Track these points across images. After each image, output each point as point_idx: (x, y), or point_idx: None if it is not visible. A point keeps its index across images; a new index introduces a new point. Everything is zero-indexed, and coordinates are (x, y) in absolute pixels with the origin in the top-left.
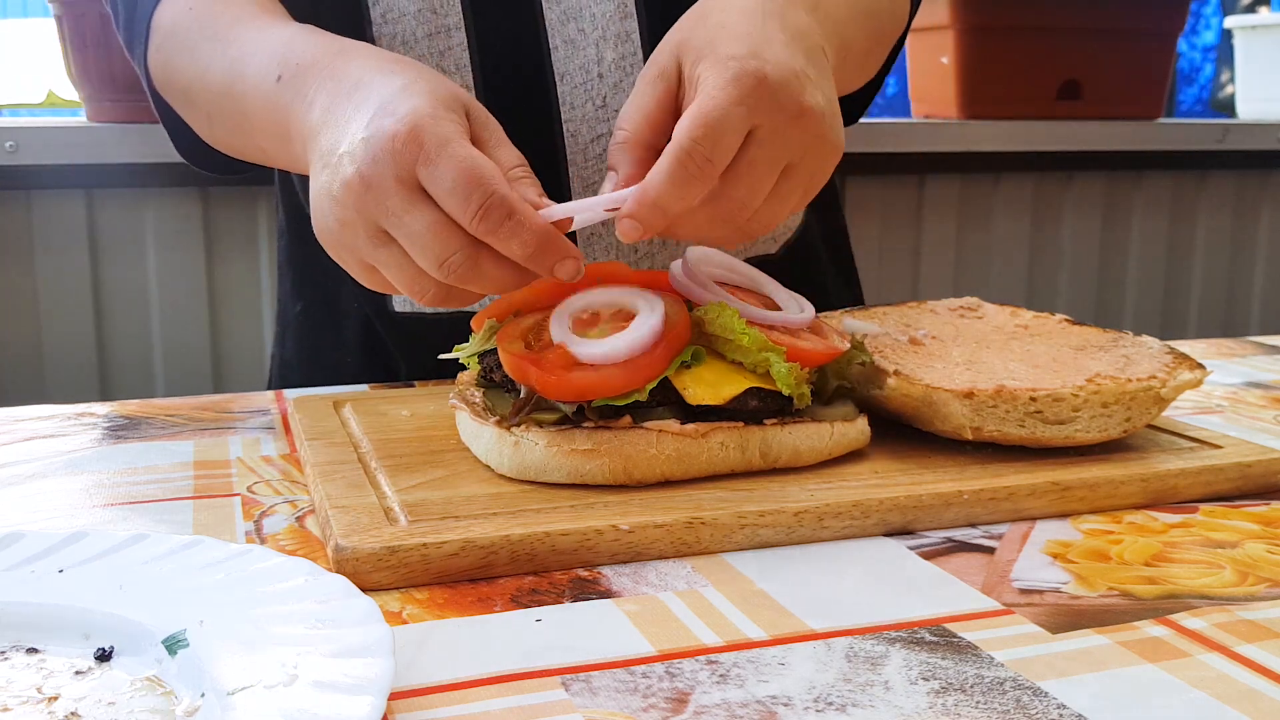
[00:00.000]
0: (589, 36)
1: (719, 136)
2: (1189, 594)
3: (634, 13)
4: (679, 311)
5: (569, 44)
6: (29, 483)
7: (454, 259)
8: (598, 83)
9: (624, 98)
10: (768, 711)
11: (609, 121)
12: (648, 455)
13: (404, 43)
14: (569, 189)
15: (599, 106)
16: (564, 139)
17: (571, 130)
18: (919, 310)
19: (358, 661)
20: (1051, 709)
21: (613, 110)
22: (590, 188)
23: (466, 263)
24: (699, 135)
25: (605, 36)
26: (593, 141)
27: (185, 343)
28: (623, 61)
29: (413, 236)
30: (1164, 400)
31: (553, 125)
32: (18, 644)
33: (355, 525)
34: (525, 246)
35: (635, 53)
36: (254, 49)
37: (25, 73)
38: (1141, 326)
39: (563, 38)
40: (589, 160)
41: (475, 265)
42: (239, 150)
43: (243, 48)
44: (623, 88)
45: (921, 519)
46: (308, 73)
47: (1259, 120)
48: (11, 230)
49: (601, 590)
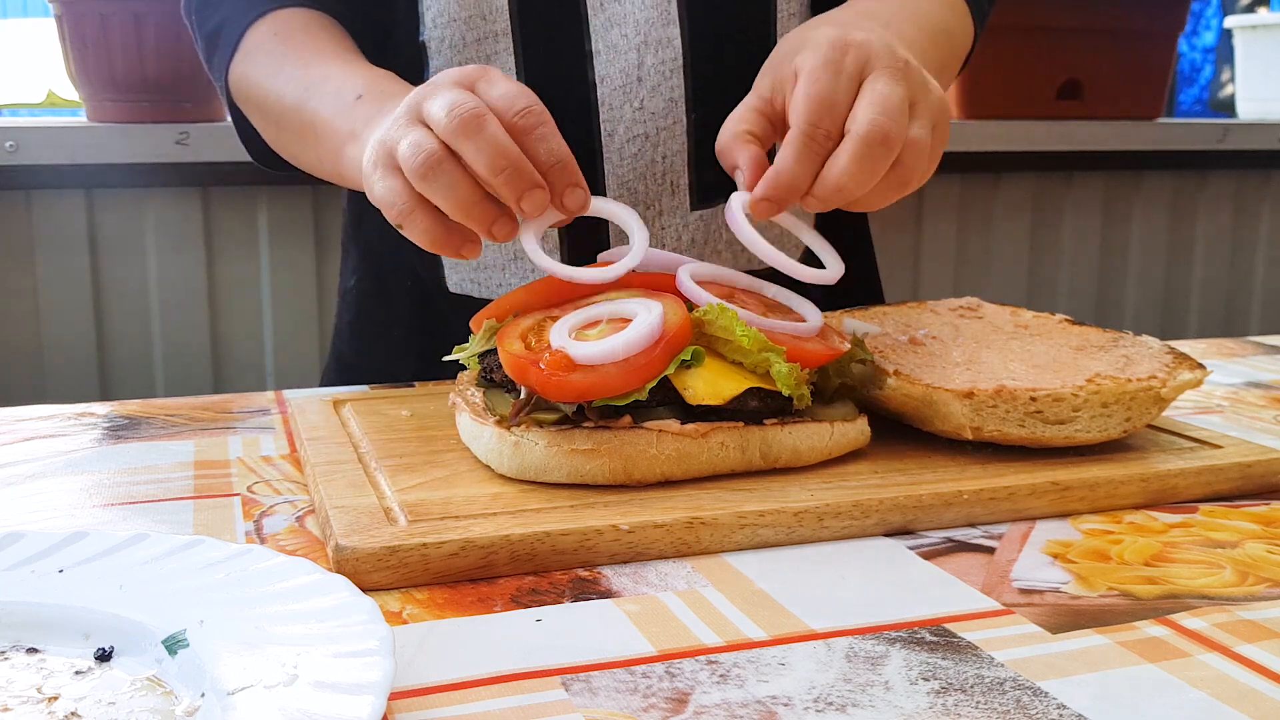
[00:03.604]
0: (630, 41)
1: (828, 109)
2: (1189, 594)
3: (676, 19)
4: (679, 312)
5: (611, 49)
6: (29, 483)
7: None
8: (637, 86)
9: (662, 101)
10: (768, 711)
11: (646, 124)
12: (648, 455)
13: (452, 46)
14: (604, 187)
15: (637, 109)
16: (601, 139)
17: (609, 130)
18: (919, 310)
19: (358, 661)
20: (1051, 709)
21: (649, 113)
22: (625, 185)
23: (512, 167)
24: (813, 116)
25: (647, 42)
26: (628, 142)
27: (185, 343)
28: (662, 66)
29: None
30: (1164, 400)
31: (591, 126)
32: (18, 644)
33: (355, 525)
34: (554, 153)
35: (676, 58)
36: (337, 74)
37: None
38: (1141, 326)
39: (605, 43)
40: (624, 160)
41: (519, 169)
42: (295, 157)
43: (325, 72)
44: (661, 92)
45: (921, 519)
46: (390, 97)
47: (1259, 120)
48: (11, 230)
49: (601, 590)
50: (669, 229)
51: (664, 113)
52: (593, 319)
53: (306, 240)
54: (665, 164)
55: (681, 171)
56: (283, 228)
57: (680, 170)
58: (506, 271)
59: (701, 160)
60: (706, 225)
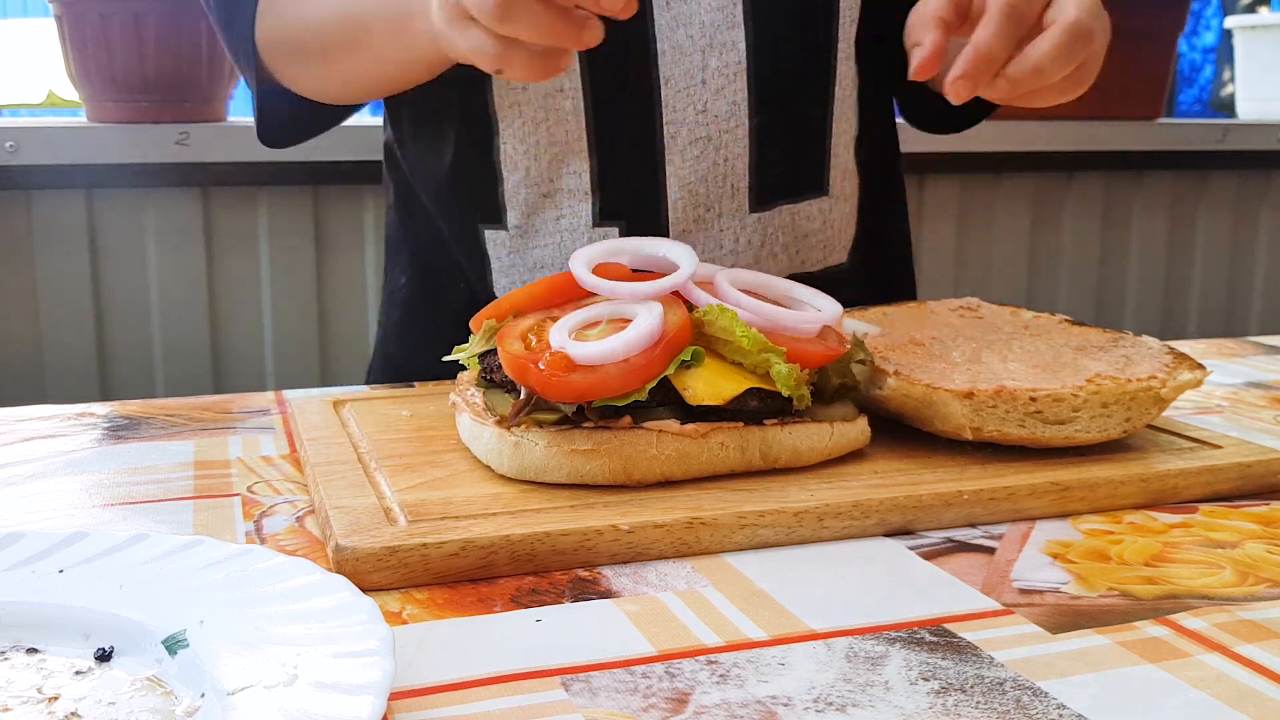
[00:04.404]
0: (696, 43)
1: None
2: (1189, 594)
3: (740, 22)
4: (678, 312)
5: (676, 49)
6: (29, 483)
7: None
8: (700, 89)
9: (725, 105)
10: (768, 711)
11: (708, 126)
12: (648, 455)
13: None
14: (665, 188)
15: (700, 111)
16: (664, 140)
17: (671, 133)
18: (919, 310)
19: (358, 662)
20: (1051, 709)
21: (713, 116)
22: (686, 187)
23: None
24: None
25: (711, 44)
26: (691, 144)
27: (185, 343)
28: (726, 69)
29: None
30: (1164, 400)
31: (654, 126)
32: (18, 644)
33: (355, 525)
34: None
35: (740, 61)
36: None
37: (25, 73)
38: (1141, 326)
39: (671, 43)
40: (686, 162)
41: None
42: (348, 76)
43: None
44: (724, 95)
45: (921, 519)
46: None
47: (1259, 120)
48: (11, 230)
49: (601, 590)
50: (726, 231)
51: (726, 115)
52: (593, 319)
53: (307, 240)
54: (726, 166)
55: (742, 175)
56: (283, 228)
57: (741, 173)
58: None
59: (762, 163)
60: (764, 228)
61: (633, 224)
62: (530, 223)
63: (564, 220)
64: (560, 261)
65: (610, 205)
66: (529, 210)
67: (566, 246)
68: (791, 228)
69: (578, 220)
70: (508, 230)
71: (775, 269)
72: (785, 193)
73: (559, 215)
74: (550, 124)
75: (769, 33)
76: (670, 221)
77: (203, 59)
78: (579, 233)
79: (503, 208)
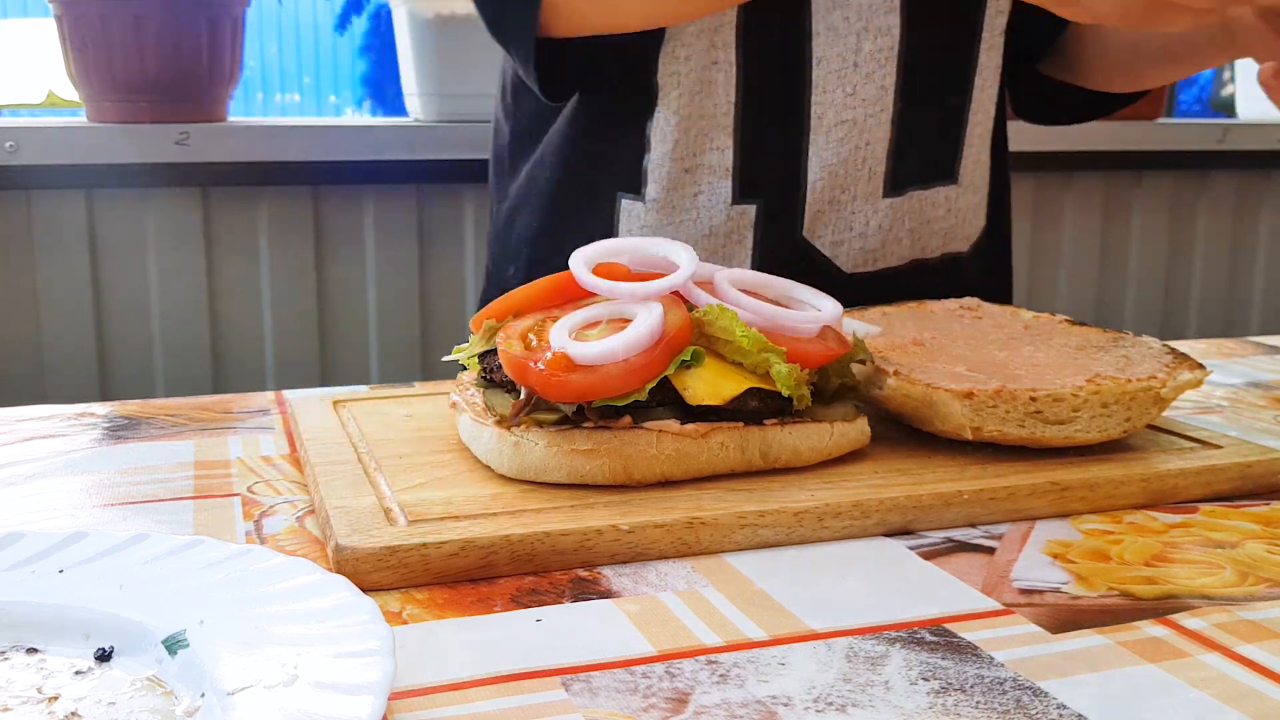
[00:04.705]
0: (852, 26)
1: None
2: (1189, 594)
3: (897, 8)
4: (678, 312)
5: (831, 31)
6: (29, 483)
7: None
8: (852, 71)
9: (873, 89)
10: (768, 711)
11: (855, 109)
12: (648, 455)
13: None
14: (805, 169)
15: (849, 94)
16: (810, 120)
17: (818, 113)
18: (919, 310)
19: (358, 662)
20: (1051, 709)
21: (860, 99)
22: (826, 169)
23: None
24: None
25: (866, 28)
26: (836, 126)
27: (185, 343)
28: (879, 54)
29: None
30: (1164, 400)
31: (802, 105)
32: (18, 644)
33: (355, 525)
34: None
35: (893, 46)
36: None
37: (25, 73)
38: (1141, 326)
39: (826, 24)
40: (829, 144)
41: None
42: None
43: None
44: (874, 79)
45: (921, 519)
46: None
47: (1259, 120)
48: (11, 230)
49: (601, 590)
50: (858, 215)
51: (874, 100)
52: (593, 319)
53: (306, 240)
54: (867, 150)
55: (881, 159)
56: (283, 228)
57: (880, 158)
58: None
59: (900, 150)
60: (894, 213)
61: (769, 203)
62: (669, 197)
63: (702, 197)
64: (694, 238)
65: (749, 184)
66: (669, 184)
67: (703, 223)
68: (919, 213)
69: (716, 198)
70: (644, 203)
71: (898, 253)
72: (918, 179)
73: (698, 192)
74: (703, 97)
75: (921, 20)
76: (806, 203)
77: (203, 59)
78: (716, 210)
79: (644, 179)
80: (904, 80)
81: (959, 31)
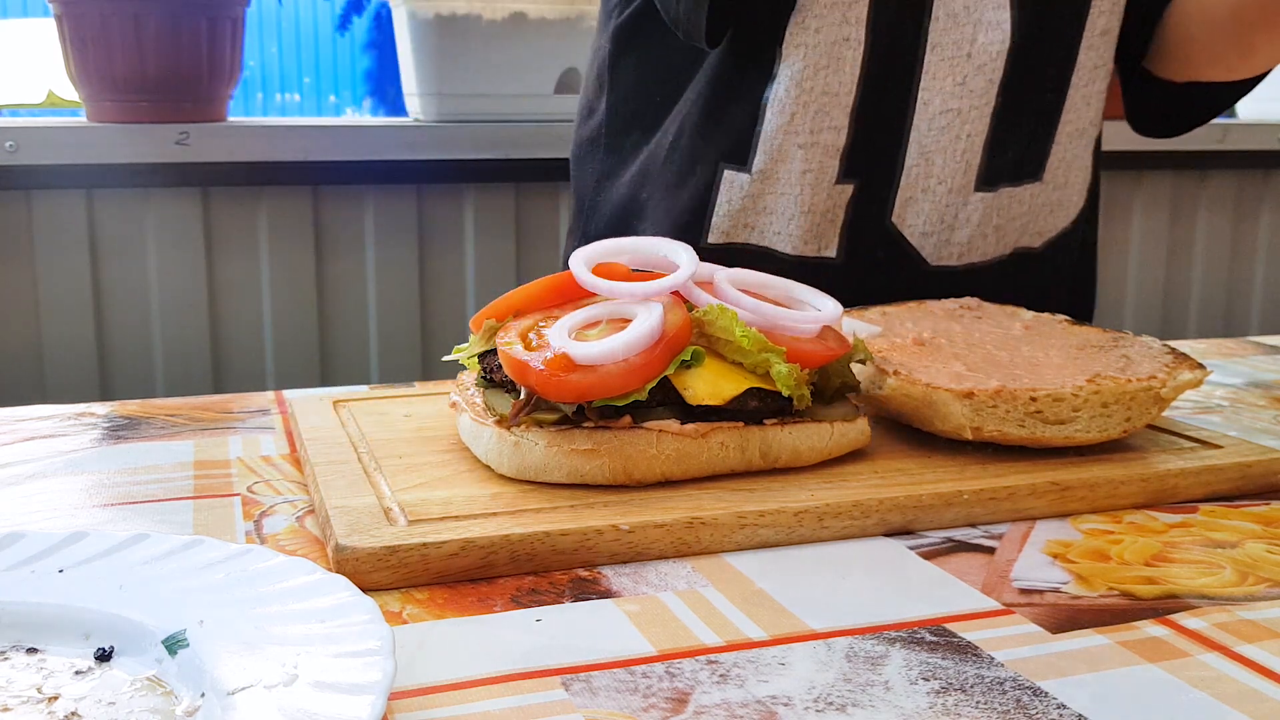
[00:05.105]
0: (970, 15)
1: None
2: (1189, 594)
3: (1008, 3)
4: (678, 312)
5: (950, 17)
6: (29, 483)
7: None
8: (964, 61)
9: (982, 81)
10: (768, 711)
11: (962, 100)
12: (648, 455)
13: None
14: (904, 153)
15: (958, 84)
16: (916, 104)
17: (925, 99)
18: (919, 310)
19: (358, 661)
20: (1051, 709)
21: (968, 90)
22: (924, 155)
23: None
24: None
25: (982, 21)
26: (940, 114)
27: (185, 343)
28: (991, 46)
29: None
30: (1164, 400)
31: (911, 89)
32: (18, 644)
33: (355, 525)
34: None
35: (1004, 40)
36: None
37: (25, 73)
38: (1141, 326)
39: (946, 10)
40: (931, 131)
41: None
42: None
43: None
44: (984, 71)
45: (921, 519)
46: None
47: (1259, 120)
48: (11, 230)
49: (601, 590)
50: (949, 206)
51: (981, 92)
52: (593, 319)
53: (306, 240)
54: (967, 142)
55: (977, 152)
56: (283, 228)
57: (976, 150)
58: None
59: (996, 144)
60: (984, 207)
61: (867, 184)
62: (775, 169)
63: (810, 175)
64: (793, 212)
65: (853, 165)
66: (778, 157)
67: (804, 200)
68: (1006, 210)
69: (823, 176)
70: (750, 174)
71: (983, 248)
72: (1011, 175)
73: (806, 169)
74: (829, 72)
75: (1030, 16)
76: (900, 187)
77: (203, 59)
78: (821, 188)
79: (753, 150)
80: (1009, 75)
81: (1062, 29)
